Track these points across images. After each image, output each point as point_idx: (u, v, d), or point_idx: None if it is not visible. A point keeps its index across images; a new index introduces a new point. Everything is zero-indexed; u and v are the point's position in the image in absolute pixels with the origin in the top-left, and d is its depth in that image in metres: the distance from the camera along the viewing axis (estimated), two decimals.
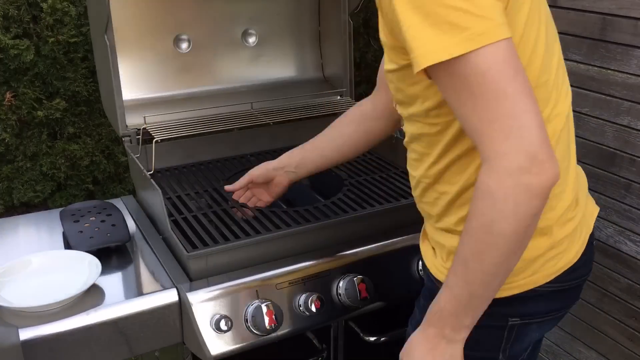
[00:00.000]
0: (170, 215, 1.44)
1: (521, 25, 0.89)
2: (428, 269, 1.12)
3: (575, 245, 1.04)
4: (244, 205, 1.49)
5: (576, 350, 2.09)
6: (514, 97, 0.80)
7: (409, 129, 1.05)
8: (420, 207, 1.14)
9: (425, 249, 1.16)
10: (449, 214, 1.03)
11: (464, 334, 0.95)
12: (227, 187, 1.50)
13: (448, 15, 0.79)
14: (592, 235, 1.10)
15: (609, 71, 1.81)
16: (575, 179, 1.06)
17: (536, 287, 1.01)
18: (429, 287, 1.13)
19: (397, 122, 1.38)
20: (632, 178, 1.83)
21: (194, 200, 1.58)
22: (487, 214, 0.83)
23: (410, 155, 1.10)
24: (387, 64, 0.99)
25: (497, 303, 0.98)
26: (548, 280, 1.01)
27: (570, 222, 1.03)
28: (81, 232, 1.41)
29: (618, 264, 1.91)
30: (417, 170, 1.07)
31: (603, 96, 1.84)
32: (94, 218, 1.48)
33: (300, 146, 1.48)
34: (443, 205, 1.04)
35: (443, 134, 0.97)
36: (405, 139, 1.09)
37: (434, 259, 1.11)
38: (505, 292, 1.00)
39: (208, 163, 1.78)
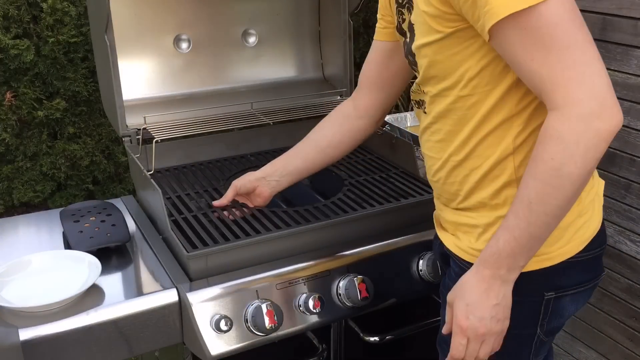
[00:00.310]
0: (170, 215, 1.44)
1: None
2: (456, 255, 1.11)
3: (597, 211, 1.06)
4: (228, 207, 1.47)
5: (576, 350, 2.09)
6: (584, 45, 0.85)
7: (434, 108, 1.06)
8: (445, 189, 1.12)
9: (445, 237, 1.16)
10: (482, 188, 1.04)
11: (516, 275, 0.97)
12: (215, 203, 1.47)
13: None
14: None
15: (608, 71, 1.81)
16: None
17: (569, 258, 1.02)
18: (458, 272, 1.09)
19: (379, 120, 1.44)
20: (632, 178, 1.83)
21: (194, 200, 1.58)
22: (557, 158, 0.87)
23: (432, 138, 1.10)
24: (425, 36, 0.99)
25: (533, 277, 1.01)
26: (580, 249, 1.03)
27: (592, 189, 1.05)
28: (81, 232, 1.41)
29: (618, 264, 1.91)
30: (443, 152, 1.08)
31: None
32: (94, 218, 1.48)
33: (283, 154, 1.47)
34: (474, 182, 1.05)
35: (479, 105, 0.99)
36: (427, 121, 1.09)
37: (459, 243, 1.10)
38: (542, 263, 1.01)
39: (208, 163, 1.78)
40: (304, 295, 1.30)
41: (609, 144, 0.88)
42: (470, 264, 1.05)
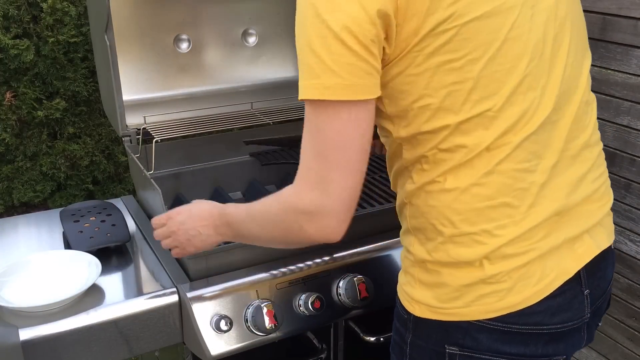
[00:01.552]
0: None
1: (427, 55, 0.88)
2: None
3: (529, 286, 0.95)
4: None
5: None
6: (332, 164, 0.89)
7: None
8: None
9: None
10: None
11: (220, 238, 1.13)
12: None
13: (309, 59, 0.86)
14: (578, 282, 0.99)
15: (609, 71, 1.82)
16: (550, 213, 0.96)
17: (475, 321, 0.96)
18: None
19: None
20: (632, 178, 1.83)
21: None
22: (276, 217, 0.99)
23: None
24: None
25: (432, 325, 0.99)
26: (488, 317, 0.95)
27: (514, 259, 0.94)
28: (81, 232, 1.41)
29: (618, 264, 1.91)
30: None
31: (603, 96, 1.84)
32: (94, 218, 1.48)
33: None
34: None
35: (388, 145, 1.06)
36: None
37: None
38: (438, 315, 0.99)
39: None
40: (304, 295, 1.30)
41: (308, 244, 0.99)
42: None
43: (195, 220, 1.14)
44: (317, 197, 0.91)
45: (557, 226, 0.97)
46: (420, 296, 1.00)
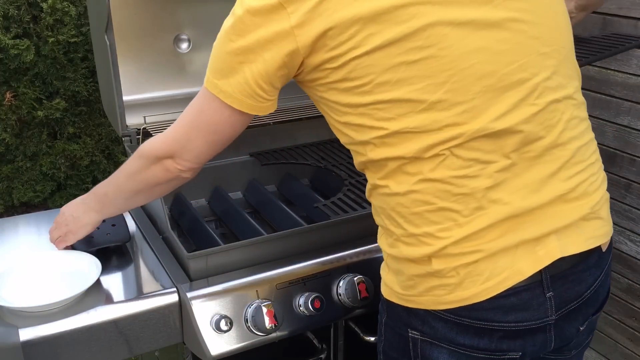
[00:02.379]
0: (170, 215, 1.44)
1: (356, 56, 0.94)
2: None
3: (477, 283, 0.96)
4: None
5: None
6: (199, 133, 1.08)
7: None
8: None
9: None
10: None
11: (93, 214, 1.29)
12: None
13: (218, 62, 1.02)
14: (539, 284, 0.98)
15: (609, 71, 1.82)
16: (503, 216, 0.95)
17: (431, 310, 1.01)
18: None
19: None
20: (632, 178, 1.83)
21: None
22: (135, 164, 1.18)
23: None
24: None
25: (398, 309, 1.06)
26: (439, 308, 0.99)
27: (460, 257, 0.96)
28: None
29: (618, 264, 1.91)
30: None
31: (603, 96, 1.84)
32: None
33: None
34: None
35: None
36: None
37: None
38: (400, 300, 1.05)
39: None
40: (304, 295, 1.30)
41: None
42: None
43: (70, 208, 1.33)
44: (178, 148, 1.10)
45: (514, 227, 0.96)
46: (389, 281, 1.08)
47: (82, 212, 1.30)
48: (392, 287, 1.07)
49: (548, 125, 0.98)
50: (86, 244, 1.37)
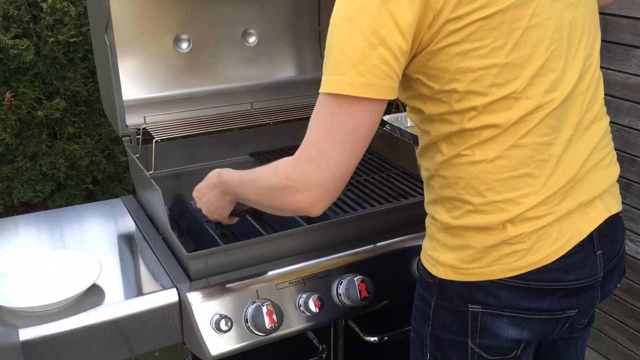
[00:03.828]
0: (170, 215, 1.44)
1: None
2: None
3: (546, 246, 1.03)
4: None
5: None
6: (337, 143, 0.96)
7: None
8: None
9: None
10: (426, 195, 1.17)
11: (230, 197, 1.26)
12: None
13: (336, 56, 0.94)
14: (591, 243, 1.07)
15: (609, 71, 1.82)
16: (566, 181, 1.04)
17: (496, 279, 1.04)
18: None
19: None
20: (632, 178, 1.83)
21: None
22: (267, 183, 1.08)
23: None
24: None
25: (456, 286, 1.08)
26: (508, 275, 1.04)
27: (534, 221, 1.02)
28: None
29: None
30: None
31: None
32: None
33: None
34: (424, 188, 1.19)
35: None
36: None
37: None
38: (462, 276, 1.07)
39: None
40: (304, 295, 1.30)
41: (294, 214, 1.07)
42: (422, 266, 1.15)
43: (206, 192, 1.31)
44: (311, 171, 0.98)
45: (571, 192, 1.05)
46: (445, 259, 1.08)
47: (218, 198, 1.29)
48: (450, 264, 1.08)
49: (593, 101, 1.08)
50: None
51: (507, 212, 1.02)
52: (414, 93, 1.05)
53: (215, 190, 1.28)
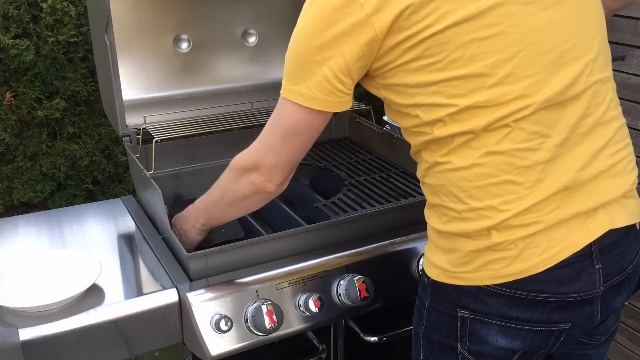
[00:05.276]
0: (170, 215, 1.44)
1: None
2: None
3: (535, 255, 1.00)
4: None
5: None
6: (278, 141, 1.11)
7: None
8: None
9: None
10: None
11: (200, 227, 1.36)
12: None
13: (291, 67, 1.05)
14: (589, 256, 1.02)
15: None
16: (558, 188, 1.00)
17: (484, 286, 1.03)
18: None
19: None
20: None
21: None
22: (227, 178, 1.24)
23: None
24: None
25: (446, 289, 1.08)
26: (495, 282, 1.02)
27: (520, 229, 1.00)
28: None
29: None
30: None
31: None
32: None
33: None
34: None
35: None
36: None
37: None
38: (451, 279, 1.06)
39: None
40: (304, 295, 1.30)
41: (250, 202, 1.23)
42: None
43: (178, 221, 1.41)
44: (260, 156, 1.14)
45: (567, 200, 1.01)
46: (437, 260, 1.09)
47: (190, 226, 1.37)
48: (441, 266, 1.08)
49: (595, 103, 1.04)
50: (203, 241, 1.41)
51: (490, 219, 1.01)
52: (388, 109, 1.11)
53: (185, 220, 1.38)
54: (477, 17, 0.96)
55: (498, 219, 1.00)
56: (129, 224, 1.55)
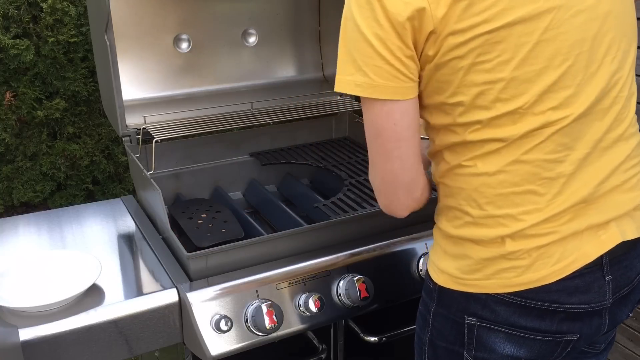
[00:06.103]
0: (170, 215, 1.44)
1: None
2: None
3: (547, 265, 0.99)
4: None
5: None
6: (372, 151, 1.03)
7: None
8: None
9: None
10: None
11: None
12: None
13: (344, 57, 0.98)
14: (600, 267, 1.02)
15: None
16: (576, 201, 0.99)
17: (494, 294, 1.02)
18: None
19: None
20: None
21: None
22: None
23: None
24: None
25: (454, 295, 1.06)
26: (506, 291, 1.01)
27: (535, 239, 0.99)
28: (198, 228, 1.45)
29: None
30: None
31: None
32: (205, 215, 1.51)
33: None
34: None
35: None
36: None
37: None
38: (460, 286, 1.05)
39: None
40: (304, 295, 1.30)
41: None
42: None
43: None
44: (371, 178, 1.08)
45: (582, 212, 1.01)
46: (445, 266, 1.07)
47: None
48: (450, 272, 1.06)
49: (620, 119, 1.03)
50: (206, 240, 1.40)
51: (507, 228, 0.99)
52: (420, 103, 1.04)
53: None
54: (533, 19, 0.93)
55: (515, 228, 0.99)
56: (129, 224, 1.55)
